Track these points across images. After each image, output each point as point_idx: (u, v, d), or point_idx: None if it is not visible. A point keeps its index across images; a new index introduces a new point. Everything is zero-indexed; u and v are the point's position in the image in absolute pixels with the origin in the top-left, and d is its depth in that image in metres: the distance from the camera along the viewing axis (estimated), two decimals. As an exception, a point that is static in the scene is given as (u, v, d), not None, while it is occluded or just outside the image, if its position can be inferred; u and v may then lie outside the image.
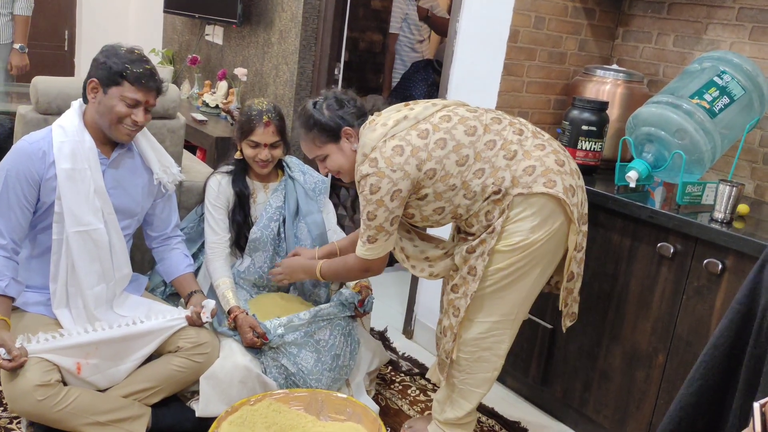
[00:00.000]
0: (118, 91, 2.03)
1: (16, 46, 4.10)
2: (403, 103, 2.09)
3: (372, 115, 2.08)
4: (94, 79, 2.05)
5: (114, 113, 2.04)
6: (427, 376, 2.31)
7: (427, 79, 4.57)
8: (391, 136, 1.95)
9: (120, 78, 2.02)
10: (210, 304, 2.19)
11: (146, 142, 2.24)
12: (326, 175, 2.26)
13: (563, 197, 1.94)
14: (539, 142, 2.00)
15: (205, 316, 2.17)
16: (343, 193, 4.27)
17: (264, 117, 2.31)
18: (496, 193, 1.96)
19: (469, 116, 2.00)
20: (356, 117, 2.08)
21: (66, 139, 2.05)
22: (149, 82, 2.06)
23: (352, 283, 2.46)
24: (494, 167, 1.96)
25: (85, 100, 2.10)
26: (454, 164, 1.95)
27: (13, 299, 2.04)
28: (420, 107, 2.02)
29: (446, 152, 1.94)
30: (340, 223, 2.65)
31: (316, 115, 2.07)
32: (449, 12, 4.22)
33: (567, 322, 2.17)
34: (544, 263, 2.02)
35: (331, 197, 2.65)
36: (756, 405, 1.07)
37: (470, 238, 2.05)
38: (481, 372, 2.12)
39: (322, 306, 2.35)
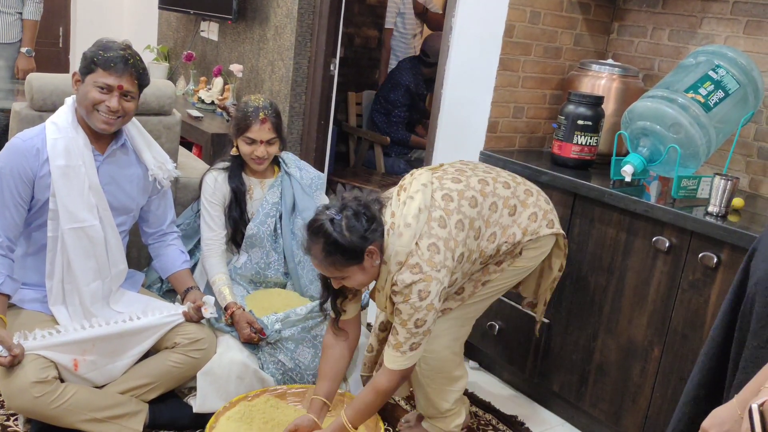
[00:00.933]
0: (92, 77, 2.03)
1: (24, 50, 4.12)
2: (395, 191, 2.00)
3: (382, 215, 1.92)
4: (76, 72, 2.06)
5: (88, 100, 2.03)
6: (395, 396, 2.33)
7: (413, 69, 4.57)
8: (420, 236, 1.87)
9: (93, 65, 2.02)
10: (210, 300, 2.20)
11: (140, 137, 2.24)
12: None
13: (562, 232, 2.13)
14: (526, 188, 2.13)
15: (208, 312, 2.17)
16: (340, 189, 4.27)
17: (260, 114, 2.31)
18: (508, 247, 2.05)
19: (461, 188, 1.99)
20: (377, 228, 1.87)
21: (59, 135, 2.05)
22: (119, 64, 2.02)
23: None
24: (502, 227, 2.03)
25: None
26: (473, 240, 1.98)
27: (8, 297, 2.04)
28: (417, 193, 1.93)
29: (466, 232, 1.95)
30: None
31: (339, 239, 1.80)
32: (444, 8, 4.22)
33: (537, 328, 2.41)
34: (520, 278, 2.18)
35: (327, 193, 2.65)
36: (754, 406, 1.05)
37: None
38: (448, 370, 2.15)
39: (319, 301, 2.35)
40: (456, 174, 2.04)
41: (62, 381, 2.00)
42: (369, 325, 2.70)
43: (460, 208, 1.95)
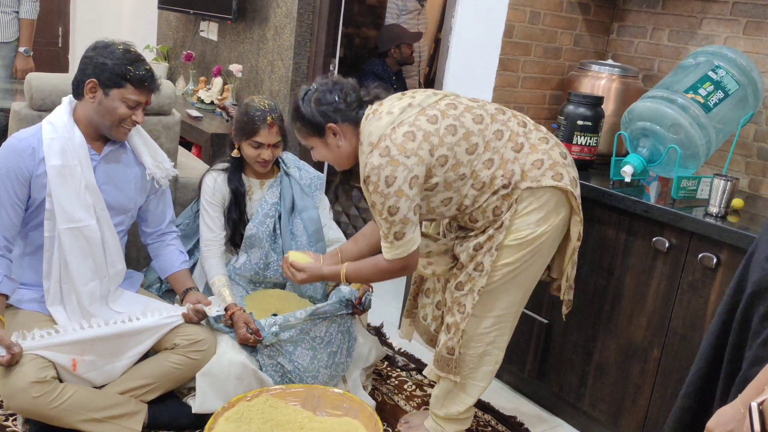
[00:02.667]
0: (119, 93, 2.03)
1: (21, 49, 4.11)
2: (402, 93, 2.03)
3: (373, 104, 2.00)
4: (94, 80, 2.02)
5: (116, 115, 2.05)
6: (424, 373, 2.32)
7: (380, 62, 4.54)
8: (399, 123, 1.88)
9: (123, 80, 2.02)
10: (217, 299, 2.22)
11: (138, 137, 2.23)
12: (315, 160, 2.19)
13: (571, 189, 1.98)
14: (542, 135, 2.03)
15: (213, 311, 2.18)
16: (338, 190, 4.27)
17: (268, 118, 2.30)
18: (505, 186, 1.95)
19: (473, 105, 1.98)
20: (347, 110, 1.97)
21: (55, 135, 2.05)
22: (151, 84, 2.08)
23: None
24: (503, 159, 1.95)
25: (76, 96, 2.09)
26: (464, 152, 1.92)
27: (6, 297, 2.04)
28: (422, 95, 1.97)
29: (457, 139, 1.90)
30: (336, 219, 2.65)
31: (301, 108, 1.99)
32: (443, 8, 4.22)
33: (565, 310, 2.21)
34: (545, 255, 2.06)
35: (326, 193, 2.64)
36: (754, 404, 1.07)
37: (472, 234, 2.05)
38: (484, 366, 2.14)
39: (319, 305, 2.35)
40: (475, 99, 2.03)
41: (61, 381, 2.00)
42: (368, 325, 2.70)
43: (459, 117, 1.92)
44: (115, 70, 2.01)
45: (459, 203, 1.99)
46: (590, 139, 2.52)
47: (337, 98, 1.97)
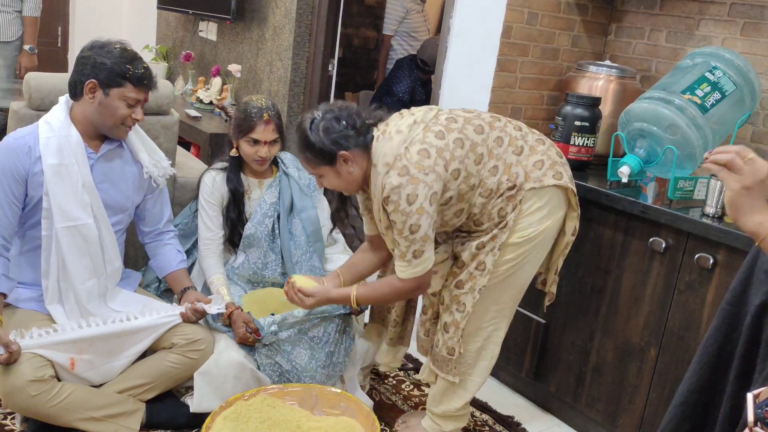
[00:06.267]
0: (119, 92, 2.03)
1: (26, 47, 4.13)
2: (398, 113, 2.02)
3: (378, 126, 1.98)
4: (93, 80, 2.02)
5: (118, 115, 2.05)
6: (417, 377, 2.32)
7: (411, 74, 4.58)
8: (411, 142, 1.89)
9: (122, 79, 2.02)
10: (218, 297, 2.23)
11: (135, 136, 2.23)
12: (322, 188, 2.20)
13: (571, 186, 2.04)
14: (538, 137, 2.07)
15: (215, 309, 2.19)
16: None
17: (264, 115, 2.31)
18: (510, 189, 1.99)
19: (470, 116, 2.01)
20: (356, 136, 1.93)
21: (52, 134, 2.05)
22: (150, 82, 2.08)
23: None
24: (506, 163, 2.00)
25: (73, 97, 2.09)
26: (473, 163, 1.96)
27: (4, 296, 2.04)
28: (420, 113, 1.98)
29: (465, 151, 1.94)
30: (334, 219, 2.65)
31: (311, 137, 1.92)
32: (442, 9, 4.23)
33: (547, 302, 2.28)
34: (543, 250, 2.10)
35: (326, 193, 2.65)
36: (749, 395, 1.10)
37: (474, 234, 2.06)
38: (480, 361, 2.15)
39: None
40: (468, 110, 2.05)
41: (59, 380, 2.01)
42: (366, 325, 2.70)
43: (462, 130, 1.95)
44: (114, 69, 2.01)
45: (469, 212, 2.03)
46: (587, 140, 2.53)
47: (345, 125, 1.93)
